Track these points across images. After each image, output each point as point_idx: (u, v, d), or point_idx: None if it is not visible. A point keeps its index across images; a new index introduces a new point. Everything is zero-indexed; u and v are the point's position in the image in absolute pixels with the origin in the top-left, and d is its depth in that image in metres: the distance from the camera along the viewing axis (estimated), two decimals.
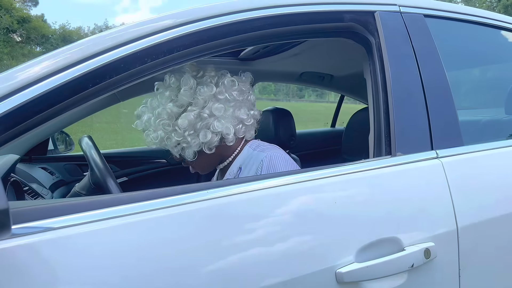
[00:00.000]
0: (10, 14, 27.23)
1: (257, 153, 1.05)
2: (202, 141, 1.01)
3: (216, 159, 1.11)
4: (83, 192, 1.20)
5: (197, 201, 0.68)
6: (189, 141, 1.00)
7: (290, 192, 0.75)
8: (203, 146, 1.02)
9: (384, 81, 0.92)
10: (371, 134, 0.92)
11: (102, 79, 0.70)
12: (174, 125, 1.00)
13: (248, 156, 1.07)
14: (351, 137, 1.85)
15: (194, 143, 1.01)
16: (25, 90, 0.64)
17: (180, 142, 1.01)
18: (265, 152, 1.03)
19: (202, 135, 1.00)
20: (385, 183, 0.83)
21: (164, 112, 0.99)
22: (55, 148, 2.01)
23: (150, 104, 1.03)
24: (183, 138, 1.00)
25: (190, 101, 1.01)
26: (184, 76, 1.01)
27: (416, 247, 0.78)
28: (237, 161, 1.09)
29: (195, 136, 1.01)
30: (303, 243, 0.71)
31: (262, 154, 1.03)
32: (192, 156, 1.03)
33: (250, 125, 1.09)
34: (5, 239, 0.55)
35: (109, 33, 0.75)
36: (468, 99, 1.52)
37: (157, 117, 1.00)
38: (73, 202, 0.65)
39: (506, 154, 1.02)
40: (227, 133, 1.02)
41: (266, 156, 1.01)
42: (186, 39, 0.77)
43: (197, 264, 0.64)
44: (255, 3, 0.85)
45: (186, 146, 1.02)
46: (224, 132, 1.02)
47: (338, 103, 2.87)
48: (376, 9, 0.96)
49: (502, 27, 1.23)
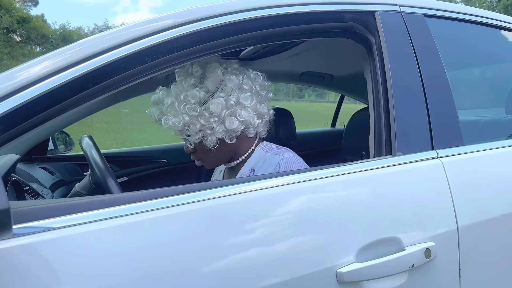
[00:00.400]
0: (10, 14, 27.22)
1: (272, 155, 1.05)
2: (228, 128, 1.00)
3: (230, 153, 1.10)
4: (84, 192, 1.20)
5: (198, 201, 0.68)
6: (213, 127, 1.00)
7: (290, 192, 0.75)
8: (226, 135, 1.02)
9: (384, 81, 0.92)
10: (372, 134, 0.92)
11: (102, 79, 0.70)
12: (200, 110, 0.99)
13: (261, 158, 1.07)
14: (351, 137, 1.85)
15: (218, 130, 1.00)
16: (25, 90, 0.64)
17: (204, 128, 1.00)
18: (280, 155, 1.03)
19: (229, 122, 1.00)
20: (386, 183, 0.83)
21: (191, 96, 0.99)
22: (55, 148, 2.00)
23: (173, 89, 1.02)
24: (209, 124, 1.00)
25: (216, 88, 1.01)
26: (212, 65, 1.02)
27: (417, 247, 0.78)
28: (249, 162, 1.09)
29: (220, 123, 1.00)
30: (304, 243, 0.71)
31: (278, 157, 1.03)
32: (214, 144, 1.02)
33: (266, 122, 1.10)
34: (6, 239, 0.55)
35: (109, 33, 0.75)
36: (468, 99, 1.52)
37: (182, 102, 0.99)
38: (73, 202, 0.65)
39: (506, 154, 1.02)
40: (251, 122, 1.03)
41: (282, 159, 1.01)
42: (186, 39, 0.77)
43: (198, 263, 0.64)
44: (255, 3, 0.85)
45: (210, 133, 1.01)
46: (249, 122, 1.03)
47: (338, 103, 2.86)
48: (377, 9, 0.96)
49: (502, 27, 1.23)
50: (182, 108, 0.99)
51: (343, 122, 2.66)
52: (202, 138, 1.02)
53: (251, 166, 1.08)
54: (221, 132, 1.01)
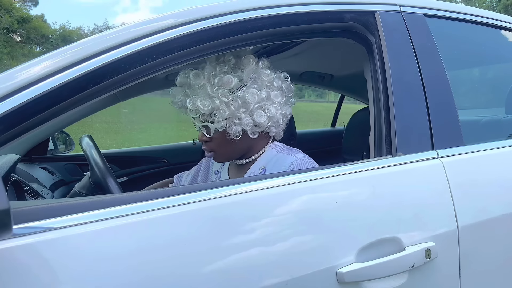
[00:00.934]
0: (10, 14, 27.21)
1: (284, 155, 1.04)
2: (256, 121, 0.99)
3: (245, 149, 1.07)
4: (84, 192, 1.20)
5: (198, 201, 0.68)
6: (241, 117, 0.98)
7: (290, 192, 0.75)
8: (251, 128, 1.00)
9: (384, 81, 0.92)
10: (372, 134, 0.92)
11: (102, 79, 0.70)
12: (233, 97, 0.98)
13: (272, 158, 1.06)
14: (351, 137, 1.85)
15: (245, 121, 0.99)
16: (25, 90, 0.64)
17: (231, 116, 0.98)
18: (293, 155, 1.02)
19: (257, 115, 0.99)
20: (386, 183, 0.83)
21: (225, 81, 0.97)
22: (55, 148, 2.01)
23: (206, 71, 0.99)
24: (238, 113, 0.98)
25: (250, 79, 1.01)
26: (247, 56, 1.01)
27: (417, 247, 0.78)
28: (259, 161, 1.07)
29: (248, 115, 0.99)
30: (304, 243, 0.71)
31: (291, 157, 1.01)
32: (237, 135, 1.00)
33: (286, 124, 1.09)
34: (6, 239, 0.55)
35: (109, 33, 0.75)
36: (468, 98, 1.52)
37: (215, 85, 0.97)
38: (73, 202, 0.65)
39: (506, 153, 1.02)
40: (278, 120, 1.03)
41: (296, 160, 1.00)
42: (186, 39, 0.77)
43: (198, 263, 0.64)
44: (255, 3, 0.85)
45: (237, 123, 0.98)
46: (276, 119, 1.02)
47: (338, 103, 2.86)
48: (377, 9, 0.96)
49: (502, 27, 1.23)
50: (214, 91, 0.96)
51: (343, 122, 2.66)
52: (226, 127, 0.99)
53: (261, 165, 1.06)
54: (248, 124, 0.99)
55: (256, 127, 1.01)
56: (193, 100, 0.98)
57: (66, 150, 2.07)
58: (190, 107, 0.99)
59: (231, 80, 0.97)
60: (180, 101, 1.03)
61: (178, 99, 1.03)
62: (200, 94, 0.98)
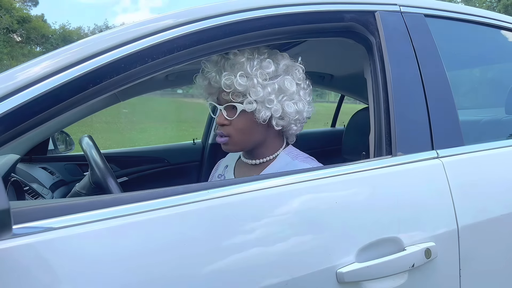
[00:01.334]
0: (10, 14, 27.22)
1: (299, 163, 1.03)
2: (287, 110, 0.99)
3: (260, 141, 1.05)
4: (84, 192, 1.20)
5: (198, 201, 0.68)
6: (274, 103, 0.98)
7: (290, 192, 0.75)
8: (276, 118, 1.00)
9: (384, 81, 0.92)
10: (372, 134, 0.92)
11: (102, 79, 0.70)
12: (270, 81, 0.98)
13: (287, 164, 1.04)
14: (351, 137, 1.85)
15: (276, 107, 0.98)
16: (25, 90, 0.64)
17: (263, 99, 0.97)
18: (310, 163, 1.03)
19: (288, 105, 0.99)
20: (386, 183, 0.83)
21: (265, 65, 0.98)
22: (55, 148, 2.00)
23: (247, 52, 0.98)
24: (270, 97, 0.97)
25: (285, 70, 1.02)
26: (283, 54, 1.04)
27: (417, 247, 0.78)
28: (273, 166, 1.06)
29: (279, 102, 0.99)
30: (304, 243, 0.71)
31: (307, 165, 1.01)
32: (264, 119, 0.98)
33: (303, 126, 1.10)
34: (6, 239, 0.55)
35: (109, 33, 0.75)
36: (468, 98, 1.52)
37: (255, 66, 0.97)
38: (73, 202, 0.65)
39: (506, 153, 1.02)
40: (303, 116, 1.04)
41: None
42: (186, 39, 0.77)
43: (198, 263, 0.64)
44: (255, 3, 0.85)
45: (267, 108, 0.98)
46: (301, 115, 1.03)
47: (338, 103, 2.86)
48: (377, 9, 0.96)
49: (502, 27, 1.23)
50: (253, 71, 0.96)
51: (343, 122, 2.66)
52: (256, 110, 0.98)
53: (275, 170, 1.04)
54: (277, 111, 0.98)
55: (281, 119, 1.01)
56: (230, 75, 0.96)
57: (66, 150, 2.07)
58: (225, 81, 0.96)
59: (270, 65, 0.98)
60: (211, 77, 1.00)
61: (210, 75, 1.01)
62: (237, 71, 0.96)
